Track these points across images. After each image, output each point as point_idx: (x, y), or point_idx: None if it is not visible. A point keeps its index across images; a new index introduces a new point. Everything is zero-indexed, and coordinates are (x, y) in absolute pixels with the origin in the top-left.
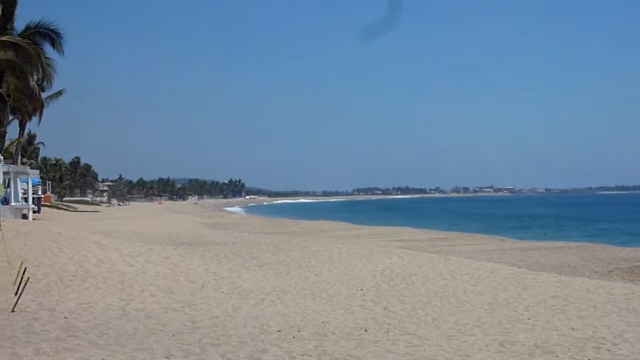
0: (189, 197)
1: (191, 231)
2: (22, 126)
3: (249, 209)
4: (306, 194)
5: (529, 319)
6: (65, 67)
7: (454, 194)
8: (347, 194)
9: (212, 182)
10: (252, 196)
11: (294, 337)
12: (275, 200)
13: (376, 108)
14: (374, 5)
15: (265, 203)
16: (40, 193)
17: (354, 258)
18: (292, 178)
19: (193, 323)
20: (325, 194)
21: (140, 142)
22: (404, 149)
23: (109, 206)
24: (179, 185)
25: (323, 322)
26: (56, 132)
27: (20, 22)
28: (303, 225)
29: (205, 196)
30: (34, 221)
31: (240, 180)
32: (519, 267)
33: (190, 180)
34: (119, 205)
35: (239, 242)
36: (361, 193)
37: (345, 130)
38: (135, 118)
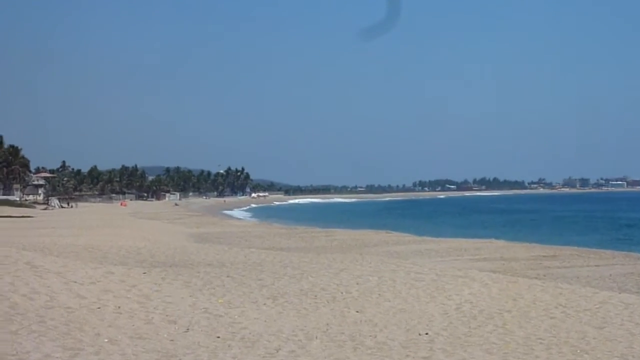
0: (167, 194)
1: (171, 246)
2: None
3: (258, 212)
4: (343, 191)
5: None
6: None
7: (565, 189)
8: (404, 189)
9: (202, 172)
10: (261, 193)
11: None
12: (295, 198)
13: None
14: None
15: (278, 203)
16: None
17: (415, 286)
18: (320, 168)
19: None
20: (371, 189)
21: (92, 116)
22: (489, 122)
23: (46, 209)
24: (151, 178)
25: None
26: None
27: None
28: (337, 237)
29: (191, 193)
30: None
31: (243, 169)
32: None
33: (168, 169)
34: (62, 207)
35: (242, 262)
36: (425, 188)
37: (398, 99)
38: (87, 81)
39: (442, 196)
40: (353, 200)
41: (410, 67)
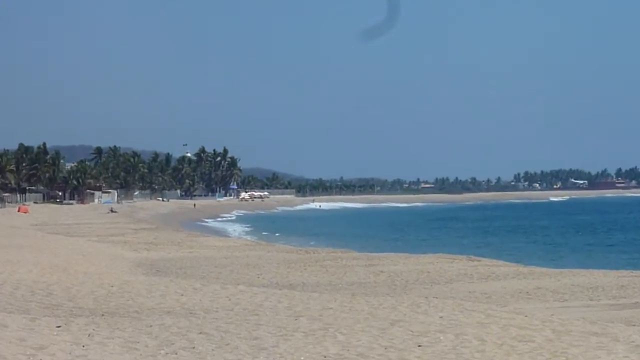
0: (98, 194)
1: (103, 282)
2: None
3: (252, 224)
4: (396, 187)
5: None
6: None
7: None
8: (497, 185)
9: (156, 156)
10: (256, 192)
11: None
12: (314, 200)
13: None
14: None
15: (284, 209)
16: None
17: (519, 351)
18: (354, 153)
19: None
20: (442, 186)
21: None
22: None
23: None
24: (70, 165)
25: None
26: None
27: None
28: (386, 266)
29: (137, 192)
30: None
31: (226, 152)
32: None
33: (99, 150)
34: None
35: (226, 309)
36: (535, 184)
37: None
38: None
39: (561, 198)
40: (419, 204)
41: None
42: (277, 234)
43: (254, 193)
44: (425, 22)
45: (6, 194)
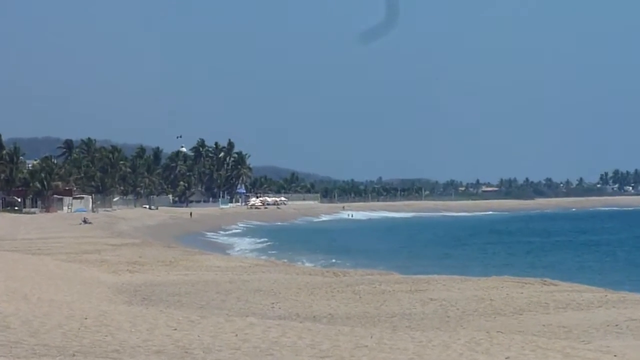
0: (67, 200)
1: (74, 313)
2: None
3: (265, 238)
4: (449, 191)
5: None
6: None
7: None
8: (580, 188)
9: (141, 150)
10: (270, 197)
11: None
12: (345, 208)
13: None
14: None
15: (308, 219)
16: None
17: None
18: (394, 152)
19: None
20: (510, 188)
21: None
22: None
23: None
24: (32, 163)
25: None
26: None
27: None
28: (437, 292)
29: (117, 198)
30: None
31: (231, 145)
32: None
33: (69, 144)
34: None
35: (232, 348)
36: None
37: None
38: None
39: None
40: (480, 214)
41: None
42: (297, 251)
43: (267, 199)
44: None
45: None
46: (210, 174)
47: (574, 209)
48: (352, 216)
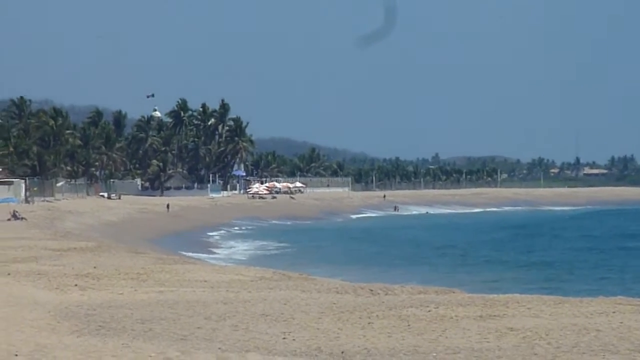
0: None
1: None
2: None
3: (280, 235)
4: (516, 175)
5: None
6: None
7: None
8: None
9: (96, 114)
10: (280, 182)
11: None
12: (379, 196)
13: None
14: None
15: (333, 220)
16: None
17: None
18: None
19: None
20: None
21: None
22: None
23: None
24: None
25: None
26: None
27: None
28: (510, 317)
29: (62, 183)
30: None
31: (225, 108)
32: None
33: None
34: None
35: None
36: None
37: None
38: None
39: None
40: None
41: None
42: (319, 259)
43: (275, 184)
44: None
45: None
46: (195, 149)
47: None
48: (397, 210)
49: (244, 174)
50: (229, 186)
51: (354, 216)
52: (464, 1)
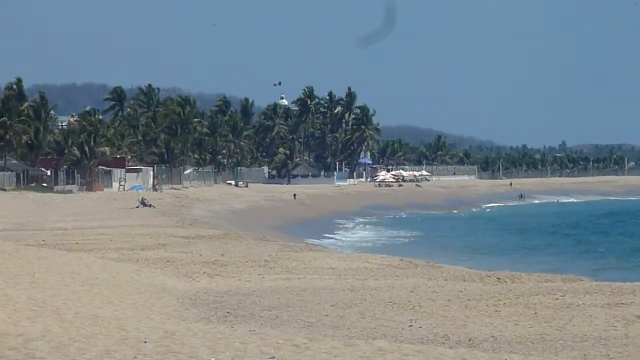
0: (118, 174)
1: (128, 331)
2: None
3: (409, 225)
4: None
5: None
6: None
7: None
8: None
9: (224, 104)
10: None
11: None
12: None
13: None
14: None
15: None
16: None
17: None
18: None
19: None
20: None
21: None
22: None
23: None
24: (67, 120)
25: None
26: None
27: None
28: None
29: (190, 170)
30: None
31: (352, 98)
32: None
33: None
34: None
35: None
36: None
37: None
38: None
39: None
40: None
41: None
42: (445, 247)
43: (401, 172)
44: None
45: None
46: (322, 137)
47: None
48: (523, 198)
49: (370, 162)
50: (355, 174)
51: (481, 206)
52: None
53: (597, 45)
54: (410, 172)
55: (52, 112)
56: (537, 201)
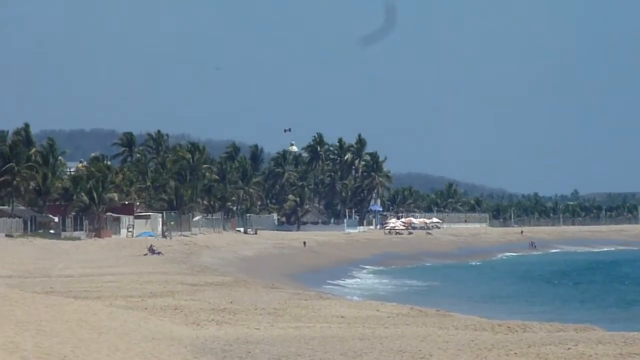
0: (127, 222)
1: None
2: None
3: (419, 275)
4: None
5: None
6: None
7: None
8: None
9: (233, 149)
10: (417, 219)
11: None
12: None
13: None
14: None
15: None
16: None
17: None
18: None
19: None
20: None
21: None
22: None
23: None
24: (75, 167)
25: None
26: None
27: None
28: None
29: (199, 218)
30: None
31: (363, 144)
32: None
33: (130, 138)
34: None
35: None
36: None
37: None
38: None
39: None
40: None
41: None
42: (455, 296)
43: (412, 220)
44: None
45: None
46: (332, 183)
47: None
48: (534, 247)
49: (381, 209)
50: (365, 221)
51: (495, 254)
52: None
53: (608, 94)
54: (421, 220)
55: (60, 157)
56: (552, 250)
